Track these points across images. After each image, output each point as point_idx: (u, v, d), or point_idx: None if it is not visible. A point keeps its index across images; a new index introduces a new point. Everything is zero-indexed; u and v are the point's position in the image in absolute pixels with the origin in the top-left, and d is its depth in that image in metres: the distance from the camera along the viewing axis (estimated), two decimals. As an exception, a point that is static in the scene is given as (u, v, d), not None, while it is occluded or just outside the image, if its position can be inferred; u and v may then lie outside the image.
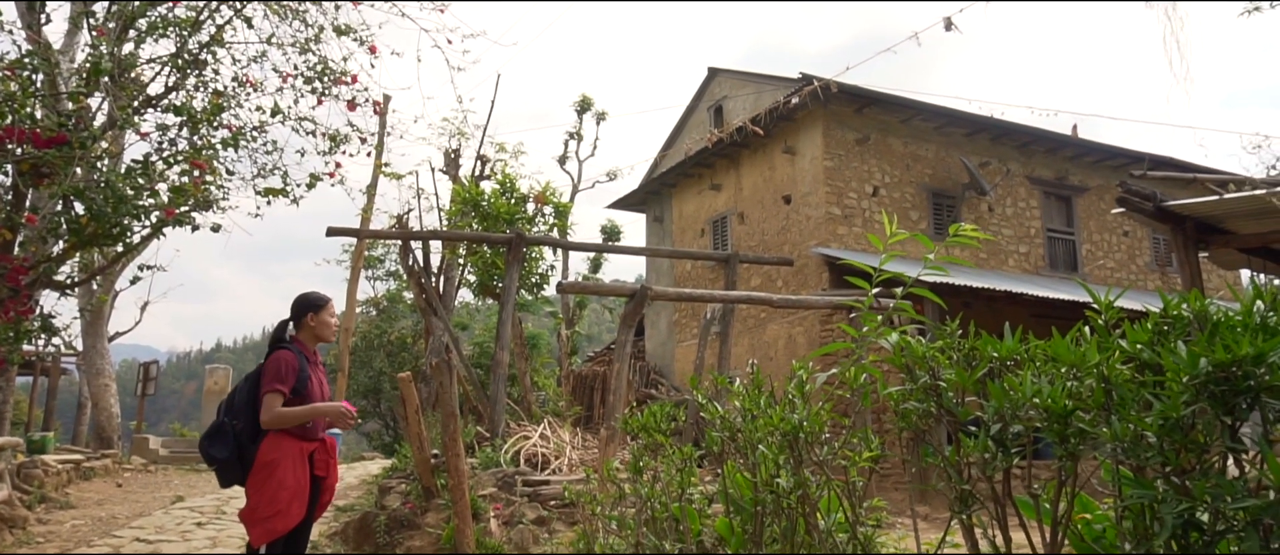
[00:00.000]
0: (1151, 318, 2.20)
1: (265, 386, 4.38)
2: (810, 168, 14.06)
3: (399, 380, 7.71)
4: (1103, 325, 2.30)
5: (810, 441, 2.69)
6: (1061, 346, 2.16)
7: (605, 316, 56.19)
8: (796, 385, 2.90)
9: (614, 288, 8.64)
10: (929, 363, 2.43)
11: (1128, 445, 1.97)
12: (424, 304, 13.84)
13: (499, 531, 7.55)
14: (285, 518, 4.32)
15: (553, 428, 10.79)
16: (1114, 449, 2.01)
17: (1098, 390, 2.11)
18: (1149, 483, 2.03)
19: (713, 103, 17.58)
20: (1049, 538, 2.37)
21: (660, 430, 3.56)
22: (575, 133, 25.56)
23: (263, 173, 7.59)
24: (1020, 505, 2.52)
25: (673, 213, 18.21)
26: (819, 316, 13.25)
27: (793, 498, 2.72)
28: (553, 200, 12.86)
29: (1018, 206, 15.39)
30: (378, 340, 26.40)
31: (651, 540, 3.53)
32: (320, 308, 4.73)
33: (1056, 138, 15.21)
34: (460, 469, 6.94)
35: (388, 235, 12.18)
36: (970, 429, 2.42)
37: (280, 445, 4.38)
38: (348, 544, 8.06)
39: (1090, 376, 2.12)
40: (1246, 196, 7.29)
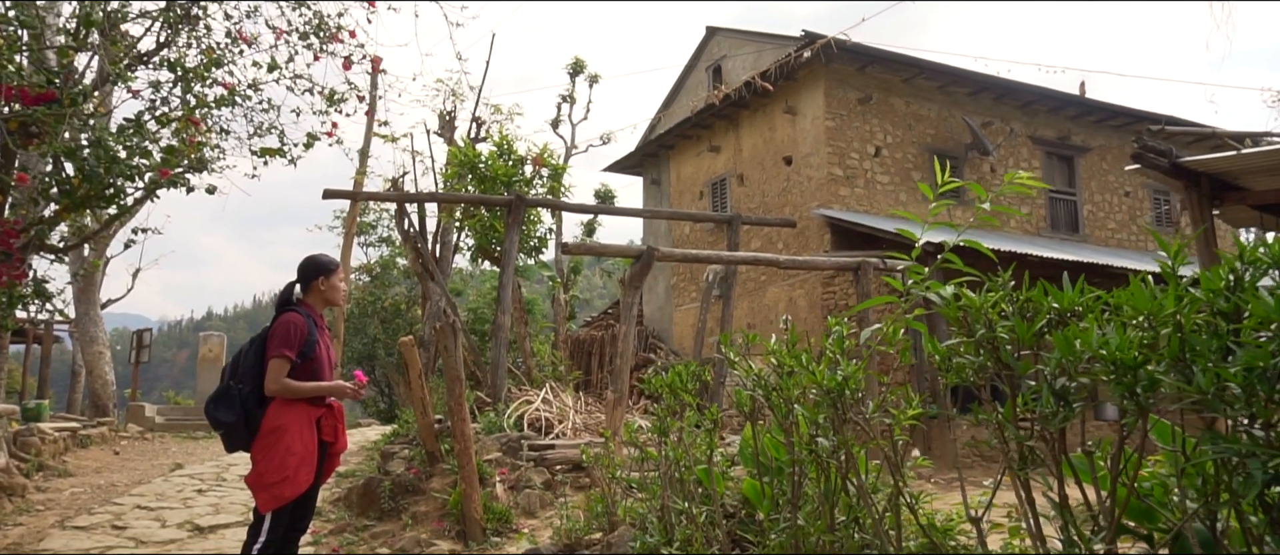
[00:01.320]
0: (1227, 263, 2.07)
1: (272, 351, 4.24)
2: (812, 128, 13.88)
3: (401, 345, 7.58)
4: (1172, 274, 2.17)
5: (853, 400, 2.57)
6: (1139, 295, 2.03)
7: (597, 282, 56.05)
8: (836, 341, 2.77)
9: (620, 249, 8.50)
10: (985, 314, 2.30)
11: (1210, 397, 1.85)
12: (420, 269, 13.68)
13: (505, 496, 7.47)
14: (293, 484, 4.21)
15: (554, 392, 10.70)
16: (1194, 402, 1.89)
17: (1173, 340, 1.98)
18: (1231, 437, 1.92)
19: (711, 62, 17.32)
20: (1109, 496, 2.26)
21: (686, 389, 3.44)
22: (568, 96, 25.23)
23: (258, 132, 7.38)
24: (1077, 463, 2.41)
25: (670, 175, 18.02)
26: (821, 279, 13.14)
27: (838, 458, 2.61)
28: (551, 162, 12.66)
29: (1020, 167, 15.25)
30: (371, 307, 26.27)
31: (678, 503, 3.43)
32: (331, 272, 4.60)
33: (1060, 97, 15.04)
34: (466, 433, 6.84)
35: (384, 197, 12.00)
36: (1028, 383, 2.30)
37: (288, 410, 4.26)
38: (352, 509, 7.98)
39: (1166, 325, 2.00)
40: (1265, 151, 7.16)
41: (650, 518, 3.53)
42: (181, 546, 6.66)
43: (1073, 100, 15.24)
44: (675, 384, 3.41)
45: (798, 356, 2.68)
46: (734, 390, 3.28)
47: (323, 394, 4.38)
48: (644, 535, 3.50)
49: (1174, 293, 2.01)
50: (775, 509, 3.15)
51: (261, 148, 7.30)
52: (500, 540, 6.68)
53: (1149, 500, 2.50)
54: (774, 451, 3.41)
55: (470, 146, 12.88)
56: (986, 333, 2.30)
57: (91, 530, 7.07)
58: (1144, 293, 2.04)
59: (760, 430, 4.00)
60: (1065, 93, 15.04)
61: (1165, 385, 2.00)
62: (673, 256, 8.46)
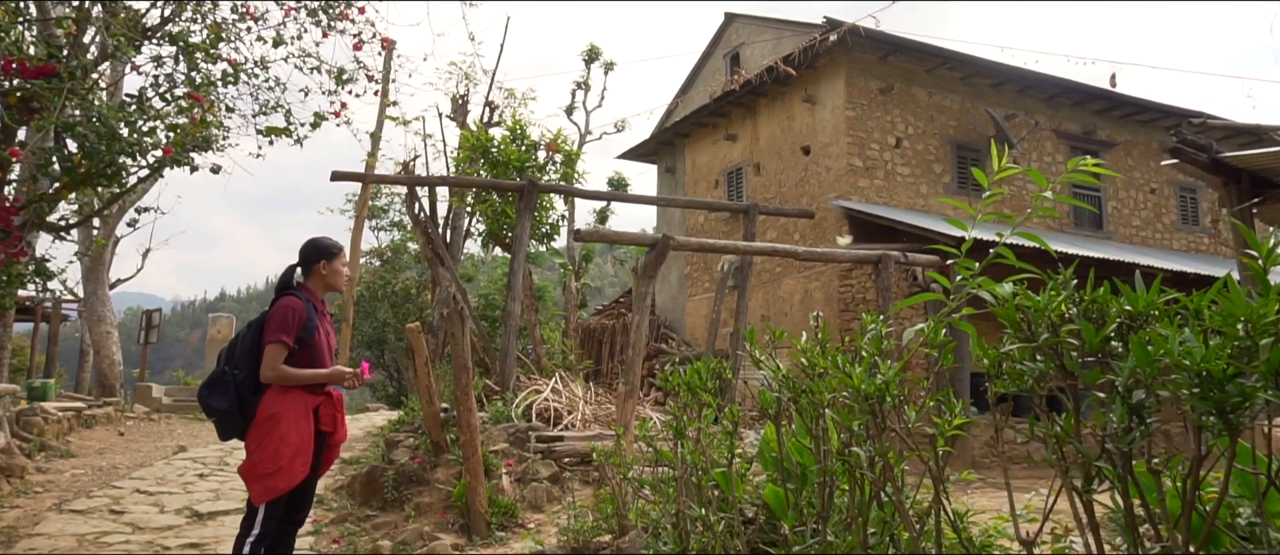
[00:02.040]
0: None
1: (269, 336, 4.04)
2: (831, 117, 13.58)
3: (408, 331, 7.38)
4: (1263, 275, 1.92)
5: (895, 407, 2.33)
6: (1237, 300, 1.78)
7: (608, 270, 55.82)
8: (873, 341, 2.53)
9: (635, 237, 8.26)
10: (1049, 317, 2.05)
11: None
12: (430, 254, 13.48)
13: (511, 489, 7.26)
14: (287, 475, 4.00)
15: (564, 382, 10.48)
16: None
17: (1275, 350, 1.73)
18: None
19: (729, 49, 17.02)
20: (1184, 521, 2.02)
21: (706, 388, 3.21)
22: (583, 83, 24.99)
23: (265, 110, 7.17)
24: (1141, 480, 2.16)
25: (685, 163, 17.75)
26: (837, 272, 12.87)
27: (875, 469, 2.37)
28: (564, 148, 12.42)
29: (1043, 160, 14.91)
30: (382, 291, 26.18)
31: (695, 509, 3.20)
32: (333, 255, 4.38)
33: (1085, 90, 14.68)
34: (472, 424, 6.63)
35: (394, 180, 11.78)
36: (1095, 394, 2.06)
37: (284, 398, 4.05)
38: (355, 498, 7.80)
39: (1266, 334, 1.75)
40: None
41: (664, 523, 3.30)
42: (179, 533, 6.48)
43: (1099, 93, 14.88)
44: (694, 382, 3.17)
45: (832, 357, 2.44)
46: (757, 389, 3.04)
47: (321, 382, 4.17)
48: (657, 543, 3.28)
49: (1277, 297, 1.76)
50: (800, 520, 2.91)
51: (267, 127, 7.08)
52: (505, 535, 6.47)
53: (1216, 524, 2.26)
54: (799, 457, 3.17)
55: (483, 131, 12.65)
56: (1051, 337, 2.06)
57: (88, 514, 6.90)
58: (1240, 297, 1.79)
59: (771, 434, 3.78)
60: (1091, 86, 14.68)
61: (1260, 400, 1.76)
62: (688, 246, 8.22)
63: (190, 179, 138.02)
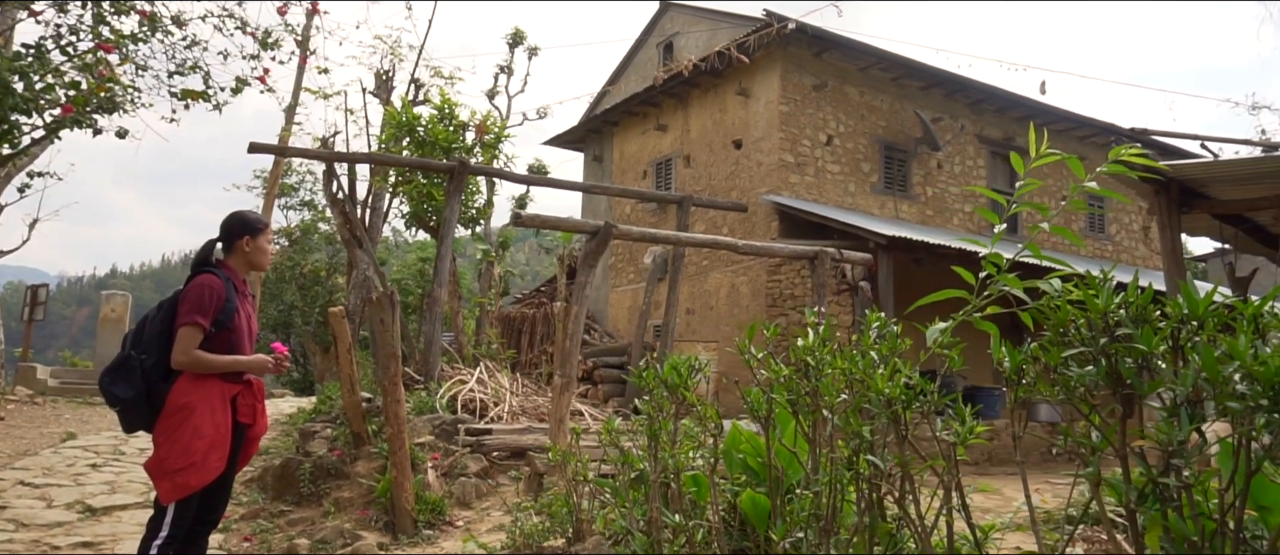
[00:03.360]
0: None
1: (182, 317, 3.62)
2: (765, 112, 13.51)
3: (330, 315, 6.92)
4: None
5: (924, 413, 2.13)
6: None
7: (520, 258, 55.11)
8: (889, 340, 2.32)
9: (576, 223, 7.96)
10: (1107, 320, 1.88)
11: None
12: (348, 235, 12.89)
13: (438, 484, 6.90)
14: (200, 471, 3.59)
15: (489, 372, 10.12)
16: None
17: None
18: None
19: (663, 39, 16.81)
20: (1234, 532, 1.88)
21: (685, 386, 2.96)
22: (506, 67, 24.44)
23: (181, 70, 6.57)
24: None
25: (613, 152, 17.49)
26: (766, 267, 12.82)
27: (893, 480, 2.17)
28: (495, 130, 12.00)
29: (965, 164, 15.20)
30: (290, 273, 25.16)
31: (669, 515, 2.95)
32: (258, 231, 3.98)
33: (1008, 97, 15.01)
34: (400, 415, 6.26)
35: (316, 155, 11.17)
36: (1152, 403, 1.90)
37: (198, 386, 3.64)
38: (266, 492, 7.30)
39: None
40: (1238, 160, 7.04)
41: (634, 532, 3.05)
42: (70, 531, 5.91)
43: (1019, 101, 15.23)
44: (673, 380, 2.93)
45: (851, 357, 2.23)
46: (744, 391, 2.82)
47: (240, 369, 3.76)
48: (627, 552, 3.02)
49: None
50: (786, 530, 2.69)
51: (183, 89, 6.50)
52: (433, 534, 6.12)
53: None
54: (785, 463, 2.96)
55: (409, 108, 12.12)
56: (1109, 341, 1.88)
57: (-37, 509, 6.24)
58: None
59: (735, 436, 3.56)
60: (1013, 93, 15.01)
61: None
62: (630, 235, 7.98)
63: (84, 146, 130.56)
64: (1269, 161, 6.59)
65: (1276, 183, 6.79)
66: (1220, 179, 7.29)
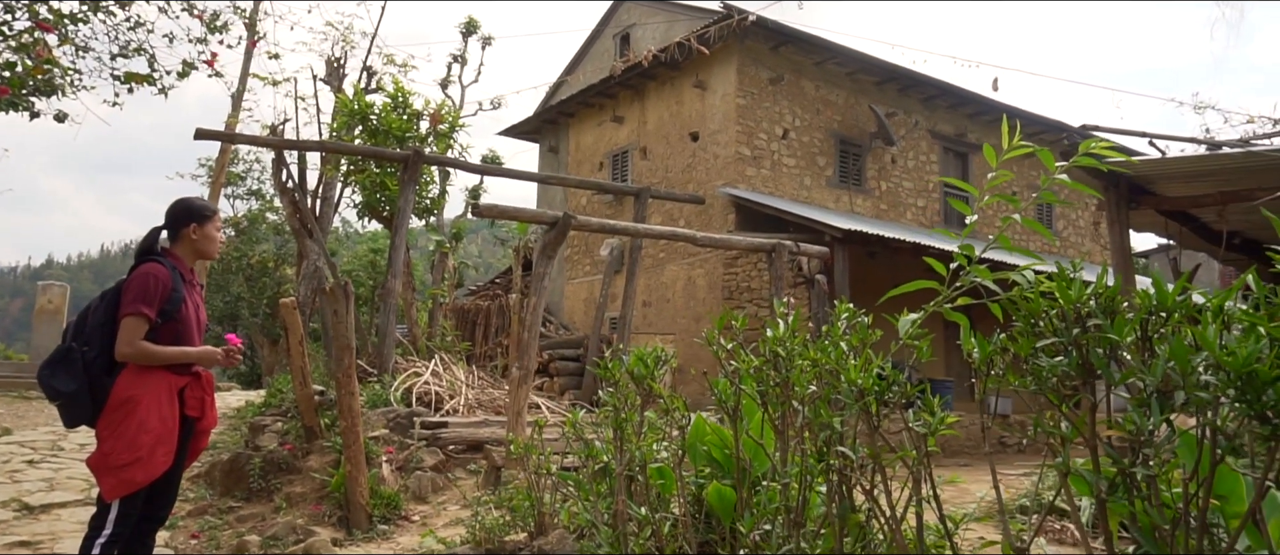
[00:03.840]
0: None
1: (126, 307, 3.48)
2: (722, 105, 13.53)
3: (281, 307, 6.76)
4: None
5: (899, 402, 2.12)
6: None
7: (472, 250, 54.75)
8: (859, 331, 2.31)
9: (535, 214, 7.88)
10: (1079, 310, 1.88)
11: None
12: (298, 225, 12.61)
13: (393, 478, 6.79)
14: (146, 467, 3.46)
15: (444, 364, 9.99)
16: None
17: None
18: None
19: (620, 30, 16.74)
20: (1196, 526, 1.90)
21: (651, 376, 2.93)
22: (459, 56, 24.15)
23: (124, 52, 6.33)
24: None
25: (569, 144, 17.38)
26: (723, 259, 12.85)
27: (867, 475, 2.16)
28: (451, 119, 11.83)
29: (919, 159, 15.39)
30: (237, 263, 24.65)
31: (635, 509, 2.92)
32: (206, 218, 3.83)
33: (960, 94, 15.23)
34: (354, 408, 6.14)
35: (266, 143, 10.88)
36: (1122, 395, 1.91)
37: (143, 379, 3.50)
38: (214, 488, 7.11)
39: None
40: (1185, 157, 7.21)
41: (599, 525, 3.01)
42: (6, 529, 5.69)
43: (972, 98, 15.47)
44: (640, 372, 2.89)
45: (823, 348, 2.21)
46: (711, 382, 2.79)
47: (189, 361, 3.63)
48: (593, 546, 2.98)
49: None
50: (755, 523, 2.68)
51: (126, 72, 6.26)
52: (388, 529, 6.02)
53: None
54: (752, 455, 2.94)
55: (361, 96, 11.88)
56: (1081, 332, 1.89)
57: (-108, 508, 5.98)
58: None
59: (698, 427, 3.54)
60: (966, 90, 15.24)
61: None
62: (589, 226, 7.92)
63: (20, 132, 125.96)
64: (1213, 159, 6.76)
65: (1220, 180, 6.97)
66: (1167, 176, 7.46)
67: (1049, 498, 5.26)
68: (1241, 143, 7.45)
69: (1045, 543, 3.82)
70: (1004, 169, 2.55)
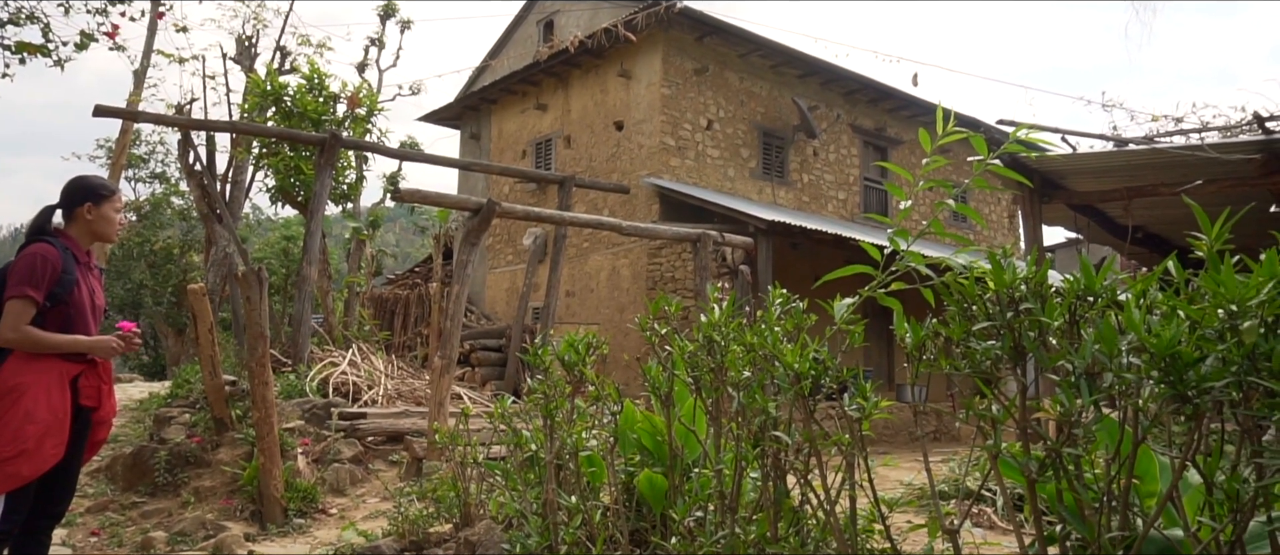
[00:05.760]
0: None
1: (11, 289, 3.26)
2: (647, 94, 13.51)
3: (190, 293, 6.46)
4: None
5: (835, 387, 2.12)
6: (1229, 279, 1.69)
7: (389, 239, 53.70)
8: (794, 315, 2.30)
9: (459, 200, 7.72)
10: (1012, 294, 1.90)
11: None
12: (206, 209, 12.12)
13: (309, 470, 6.58)
14: (32, 460, 3.25)
15: (362, 354, 9.74)
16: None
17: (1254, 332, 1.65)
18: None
19: (543, 16, 16.55)
20: (1118, 508, 1.94)
21: (583, 363, 2.88)
22: (377, 39, 23.60)
23: (15, 19, 5.93)
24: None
25: (491, 131, 17.13)
26: (647, 250, 12.86)
27: (799, 460, 2.15)
28: (369, 103, 11.52)
29: (840, 153, 15.66)
30: (139, 250, 23.58)
31: (564, 497, 2.87)
32: (103, 198, 3.59)
33: (881, 88, 15.54)
34: (268, 399, 5.92)
35: (172, 122, 10.39)
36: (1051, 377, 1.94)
37: (31, 366, 3.28)
38: (116, 483, 6.78)
39: (1247, 316, 1.67)
40: (1092, 153, 7.48)
41: (528, 515, 2.94)
42: (-118, 530, 5.29)
43: (892, 93, 15.79)
44: (570, 358, 2.84)
45: (760, 333, 2.19)
46: (644, 368, 2.76)
47: (81, 350, 3.41)
48: (521, 536, 2.91)
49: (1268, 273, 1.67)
50: (686, 510, 2.65)
51: (18, 42, 5.86)
52: (305, 523, 5.83)
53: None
54: (683, 441, 2.92)
55: (274, 77, 11.47)
56: (1011, 315, 1.91)
57: None
58: (1232, 276, 1.71)
59: (627, 414, 3.51)
60: (885, 85, 15.55)
61: (1218, 385, 1.69)
62: (514, 213, 7.80)
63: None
64: (1121, 155, 7.04)
65: (1126, 176, 7.26)
66: (1078, 171, 7.74)
67: (968, 484, 5.42)
68: (1147, 140, 7.78)
69: (970, 525, 3.91)
70: (929, 160, 2.58)
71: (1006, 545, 3.67)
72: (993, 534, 4.29)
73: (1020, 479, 2.37)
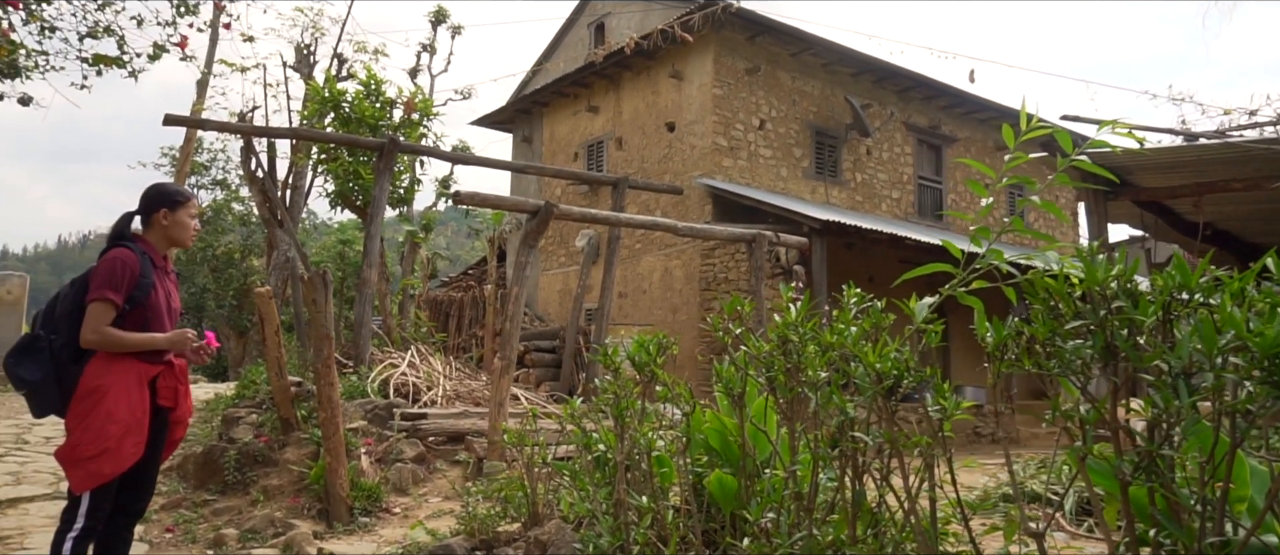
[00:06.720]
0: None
1: (92, 292, 3.37)
2: (698, 95, 13.49)
3: (257, 296, 6.62)
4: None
5: (908, 388, 2.09)
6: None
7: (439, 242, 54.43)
8: (873, 314, 2.28)
9: (517, 202, 7.79)
10: (1104, 291, 1.86)
11: None
12: (268, 214, 12.40)
13: (372, 470, 6.69)
14: (114, 458, 3.35)
15: (421, 356, 9.87)
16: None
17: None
18: None
19: (594, 19, 16.62)
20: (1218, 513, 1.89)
21: (654, 363, 2.88)
22: (429, 45, 23.88)
23: (93, 32, 6.14)
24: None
25: (543, 134, 17.26)
26: (700, 250, 12.83)
27: (883, 458, 2.12)
28: (424, 107, 11.68)
29: (893, 151, 15.47)
30: (202, 255, 24.26)
31: (635, 497, 2.87)
32: (178, 204, 3.69)
33: (934, 86, 15.31)
34: (334, 400, 6.02)
35: (237, 129, 10.66)
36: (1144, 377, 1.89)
37: (112, 367, 3.39)
38: (188, 481, 6.96)
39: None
40: (1161, 148, 7.28)
41: (600, 515, 2.96)
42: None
43: (945, 90, 15.56)
44: (643, 358, 2.84)
45: (841, 331, 2.17)
46: (716, 368, 2.75)
47: (157, 347, 3.51)
48: (593, 536, 2.93)
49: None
50: (760, 511, 2.64)
51: (95, 54, 6.07)
52: (370, 521, 5.92)
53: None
54: (754, 441, 2.91)
55: (333, 84, 11.69)
56: (1108, 315, 1.87)
57: None
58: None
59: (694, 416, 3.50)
60: (939, 81, 15.32)
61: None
62: (571, 215, 7.85)
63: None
64: (1191, 150, 6.84)
65: (1197, 171, 7.05)
66: (1145, 167, 7.54)
67: (1031, 487, 5.30)
68: (1218, 134, 7.54)
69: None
70: (1011, 156, 2.53)
71: (1086, 549, 3.59)
72: (1058, 537, 4.19)
73: (1105, 482, 2.32)
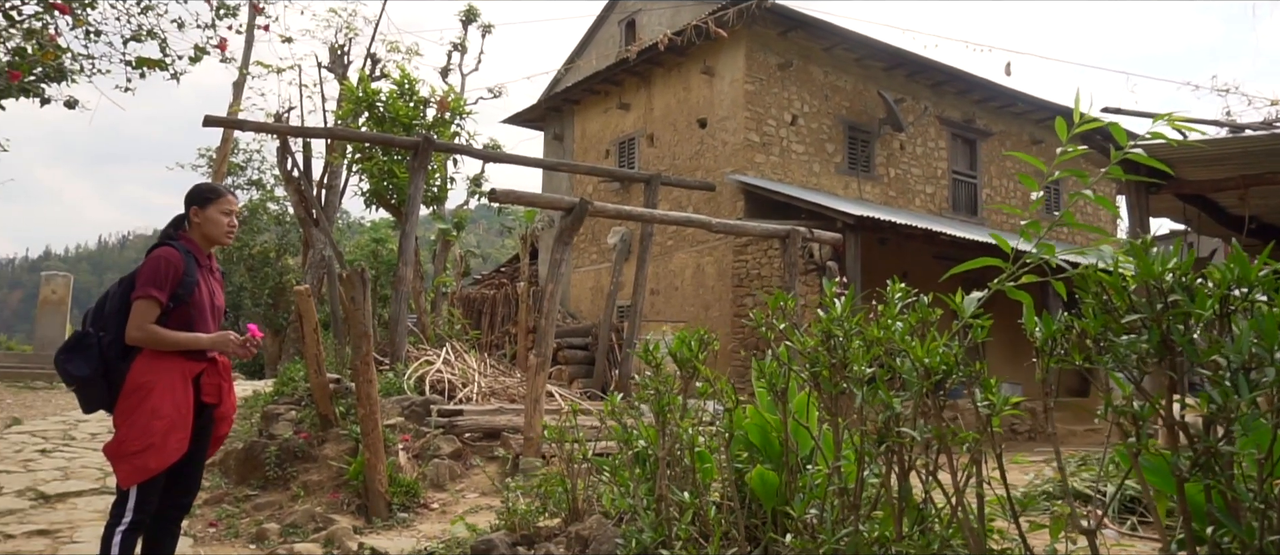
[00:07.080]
0: None
1: (137, 290, 3.45)
2: (730, 91, 13.45)
3: (297, 294, 6.71)
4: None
5: (954, 383, 2.08)
6: None
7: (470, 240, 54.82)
8: (921, 309, 2.26)
9: (552, 200, 7.83)
10: (1160, 285, 1.83)
11: None
12: (304, 213, 12.55)
13: (410, 466, 6.74)
14: (160, 453, 3.42)
15: (456, 353, 9.94)
16: None
17: None
18: None
19: (625, 16, 16.63)
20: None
21: (696, 359, 2.88)
22: (459, 44, 24.02)
23: (137, 36, 6.25)
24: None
25: (575, 131, 17.30)
26: (732, 246, 12.80)
27: (930, 457, 2.11)
28: (457, 106, 11.75)
29: (927, 146, 15.32)
30: (238, 254, 24.60)
31: (677, 493, 2.87)
32: (207, 201, 3.73)
33: (968, 79, 15.14)
34: (372, 396, 6.09)
35: (274, 129, 10.80)
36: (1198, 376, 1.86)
37: (157, 365, 3.46)
38: (230, 476, 7.08)
39: None
40: (1206, 140, 7.15)
41: (641, 510, 2.96)
42: (23, 518, 5.64)
43: (979, 84, 15.38)
44: (685, 355, 2.84)
45: (888, 326, 2.16)
46: (757, 365, 2.74)
47: (201, 346, 3.57)
48: (634, 531, 2.93)
49: None
50: (806, 507, 2.63)
51: (138, 57, 6.18)
52: (408, 517, 5.97)
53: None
54: (796, 437, 2.89)
55: (367, 83, 11.80)
56: (1164, 309, 1.84)
57: (-93, 497, 5.93)
58: None
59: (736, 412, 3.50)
60: (973, 75, 15.14)
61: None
62: (605, 212, 7.86)
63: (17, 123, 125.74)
64: (1237, 142, 6.70)
65: (1242, 163, 6.91)
66: (1187, 159, 7.39)
67: (1074, 485, 5.23)
68: (1266, 125, 7.38)
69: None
70: (1062, 150, 2.51)
71: (1136, 547, 3.54)
72: (1108, 534, 4.13)
73: (1158, 480, 2.29)
